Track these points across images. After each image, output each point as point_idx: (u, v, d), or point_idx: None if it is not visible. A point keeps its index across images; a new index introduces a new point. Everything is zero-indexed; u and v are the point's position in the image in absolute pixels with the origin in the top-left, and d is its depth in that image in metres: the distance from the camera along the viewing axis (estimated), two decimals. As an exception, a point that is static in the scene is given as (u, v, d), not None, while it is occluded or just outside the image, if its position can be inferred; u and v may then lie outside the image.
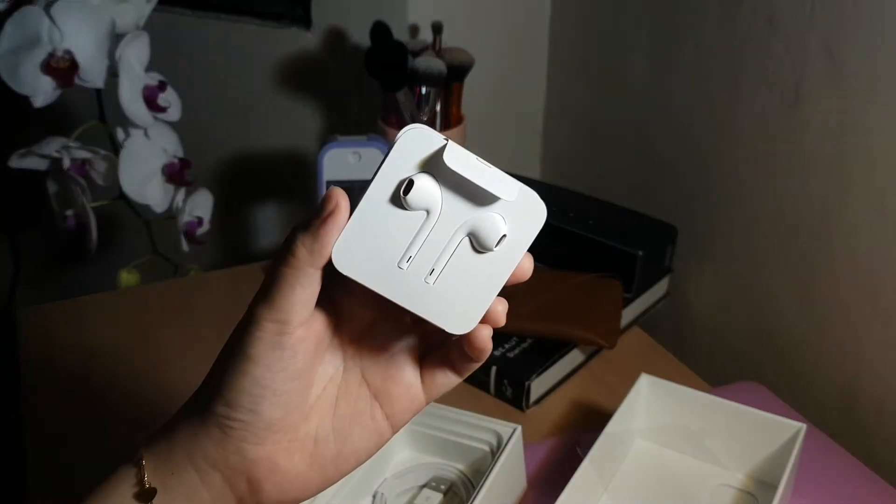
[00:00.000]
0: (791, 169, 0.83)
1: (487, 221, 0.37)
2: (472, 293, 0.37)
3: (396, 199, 0.36)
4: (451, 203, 0.37)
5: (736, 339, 0.95)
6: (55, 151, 0.94)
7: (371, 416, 0.41)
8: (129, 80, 0.90)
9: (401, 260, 0.37)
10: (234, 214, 1.31)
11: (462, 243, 0.37)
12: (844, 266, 0.79)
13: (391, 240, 0.37)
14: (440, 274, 0.37)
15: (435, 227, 0.37)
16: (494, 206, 0.37)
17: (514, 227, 0.37)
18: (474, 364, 0.41)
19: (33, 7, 0.86)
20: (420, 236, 0.37)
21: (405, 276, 0.37)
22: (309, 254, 0.36)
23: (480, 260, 0.37)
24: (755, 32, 0.83)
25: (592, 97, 1.12)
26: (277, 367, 0.37)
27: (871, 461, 0.73)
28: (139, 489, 0.38)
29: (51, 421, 0.78)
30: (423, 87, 0.97)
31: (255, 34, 1.19)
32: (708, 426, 0.68)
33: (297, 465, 0.39)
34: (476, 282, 0.37)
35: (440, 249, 0.37)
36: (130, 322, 0.92)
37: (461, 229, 0.37)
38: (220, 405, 0.38)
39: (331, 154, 0.92)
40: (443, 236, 0.37)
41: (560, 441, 0.74)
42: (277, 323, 0.36)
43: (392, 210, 0.36)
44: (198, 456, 0.38)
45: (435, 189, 0.36)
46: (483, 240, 0.37)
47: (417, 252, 0.37)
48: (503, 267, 0.38)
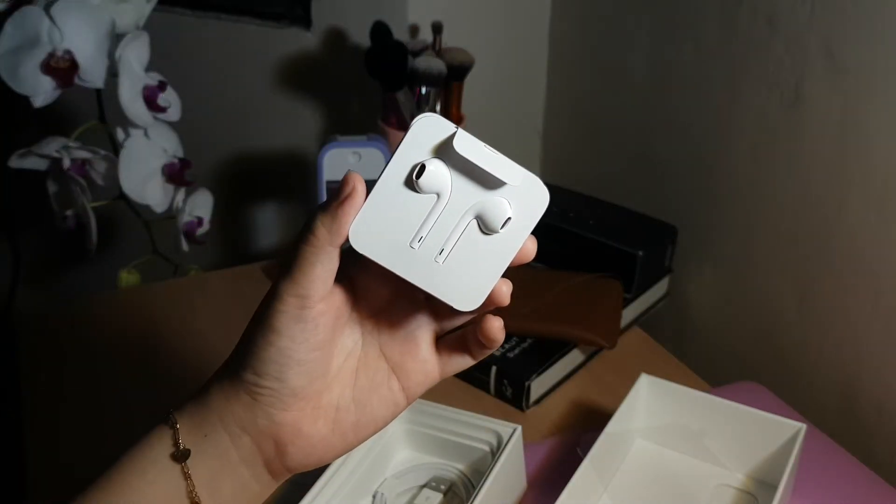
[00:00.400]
0: (791, 169, 0.83)
1: (494, 205, 0.39)
2: (479, 273, 0.40)
3: (409, 183, 0.39)
4: (461, 187, 0.39)
5: (736, 339, 0.95)
6: (55, 151, 0.94)
7: (388, 387, 0.44)
8: (129, 80, 0.90)
9: (413, 240, 0.39)
10: (234, 214, 1.31)
11: (470, 225, 0.39)
12: (844, 266, 0.79)
13: (404, 221, 0.39)
14: (449, 254, 0.39)
15: (445, 209, 0.39)
16: (501, 191, 0.39)
17: (519, 210, 0.39)
18: (487, 350, 0.44)
19: (33, 7, 0.86)
20: (431, 218, 0.39)
21: (416, 255, 0.39)
22: (328, 233, 0.38)
23: (487, 241, 0.40)
24: (755, 32, 0.83)
25: (592, 97, 1.12)
26: (300, 339, 0.40)
27: (871, 461, 0.73)
28: (175, 450, 0.41)
29: (51, 421, 0.78)
30: (423, 87, 0.97)
31: (255, 34, 1.19)
32: (708, 426, 0.68)
33: (320, 430, 0.42)
34: (482, 262, 0.40)
35: (449, 230, 0.39)
36: (130, 322, 0.92)
37: (469, 212, 0.39)
38: (249, 373, 0.40)
39: (331, 154, 0.92)
40: (452, 218, 0.39)
41: (560, 441, 0.74)
42: (299, 297, 0.39)
43: (405, 193, 0.39)
44: (229, 419, 0.41)
45: (445, 173, 0.39)
46: (489, 222, 0.39)
47: (428, 233, 0.39)
48: (508, 248, 0.40)
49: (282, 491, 0.68)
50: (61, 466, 0.72)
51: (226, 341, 0.94)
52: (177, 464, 0.41)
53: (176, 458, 0.41)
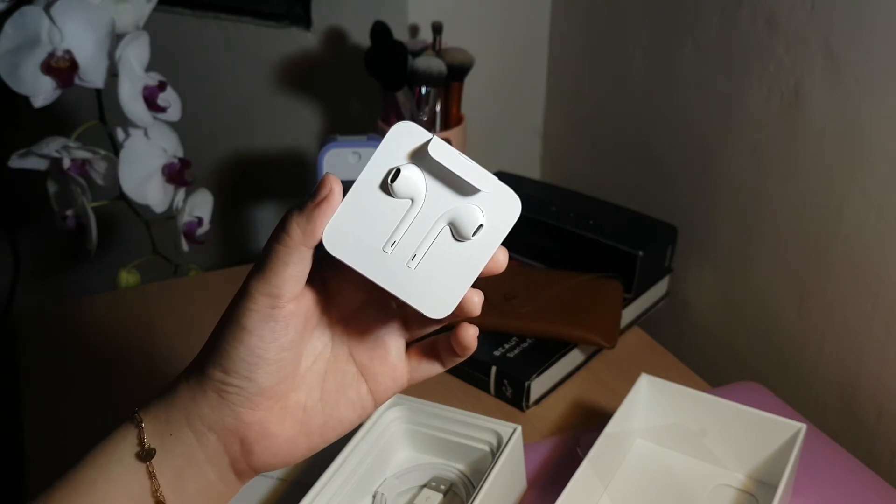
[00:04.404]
0: (791, 169, 0.83)
1: (466, 211, 0.39)
2: (450, 281, 0.40)
3: (385, 187, 0.39)
4: (435, 193, 0.40)
5: (736, 339, 0.95)
6: (55, 151, 0.94)
7: (356, 391, 0.44)
8: (129, 80, 0.90)
9: (385, 244, 0.39)
10: (234, 214, 1.31)
11: (443, 232, 0.40)
12: (844, 266, 0.79)
13: (378, 225, 0.39)
14: (421, 260, 0.40)
15: (418, 215, 0.40)
16: (474, 199, 0.40)
17: (491, 219, 0.40)
18: (458, 358, 0.44)
19: (33, 7, 0.86)
20: (404, 223, 0.39)
21: (389, 260, 0.39)
22: (302, 234, 0.38)
23: (459, 249, 0.40)
24: (755, 32, 0.83)
25: (592, 97, 1.12)
26: (270, 338, 0.39)
27: (871, 461, 0.73)
28: (140, 449, 0.41)
29: (51, 421, 0.78)
30: (423, 87, 0.97)
31: (255, 34, 1.19)
32: (708, 426, 0.68)
33: (286, 430, 0.42)
34: (454, 270, 0.40)
35: (422, 236, 0.40)
36: (130, 322, 0.92)
37: (442, 218, 0.40)
38: (217, 371, 0.40)
39: (331, 154, 0.92)
40: (425, 224, 0.40)
41: (560, 441, 0.74)
42: (270, 297, 0.39)
43: (380, 197, 0.39)
44: (195, 418, 0.41)
45: (420, 179, 0.39)
46: (462, 228, 0.39)
47: (401, 237, 0.39)
48: (479, 257, 0.40)
49: (282, 491, 0.68)
50: (61, 466, 0.72)
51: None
52: (142, 463, 0.41)
53: (141, 458, 0.41)
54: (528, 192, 1.01)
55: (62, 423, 0.77)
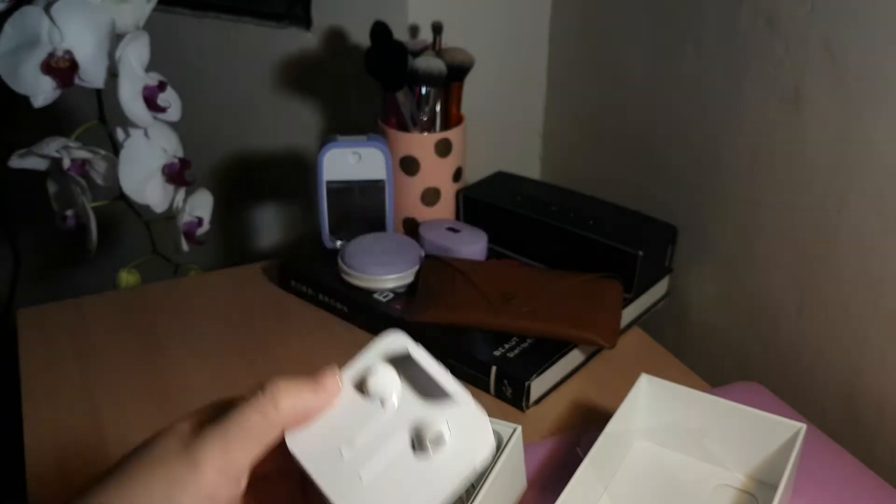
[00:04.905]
0: (791, 169, 0.83)
1: (431, 420, 0.39)
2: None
3: (360, 386, 0.40)
4: (406, 401, 0.40)
5: (736, 339, 0.95)
6: (55, 151, 0.94)
7: None
8: (129, 80, 0.90)
9: (344, 445, 0.38)
10: (234, 214, 1.31)
11: (404, 444, 0.39)
12: (844, 266, 0.79)
13: (343, 423, 0.39)
14: (374, 471, 0.38)
15: (386, 419, 0.39)
16: (443, 412, 0.39)
17: (457, 444, 0.39)
18: None
19: (33, 7, 0.86)
20: (369, 425, 0.39)
21: (343, 466, 0.38)
22: (294, 415, 0.37)
23: (416, 467, 0.38)
24: (755, 32, 0.83)
25: (593, 97, 1.12)
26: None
27: (871, 461, 0.73)
28: None
29: (51, 421, 0.78)
30: (423, 87, 0.97)
31: (255, 34, 1.19)
32: (708, 426, 0.68)
33: None
34: (408, 495, 0.38)
35: (382, 441, 0.39)
36: (130, 322, 0.92)
37: (407, 427, 0.39)
38: None
39: (331, 154, 0.92)
40: (388, 429, 0.39)
41: (560, 441, 0.74)
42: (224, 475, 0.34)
43: (353, 396, 0.40)
44: None
45: (395, 383, 0.40)
46: (421, 434, 0.39)
47: (361, 440, 0.38)
48: (436, 489, 0.38)
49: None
50: (61, 466, 0.72)
51: (226, 342, 0.94)
52: None
53: None
54: (528, 192, 1.01)
55: (62, 422, 0.77)
